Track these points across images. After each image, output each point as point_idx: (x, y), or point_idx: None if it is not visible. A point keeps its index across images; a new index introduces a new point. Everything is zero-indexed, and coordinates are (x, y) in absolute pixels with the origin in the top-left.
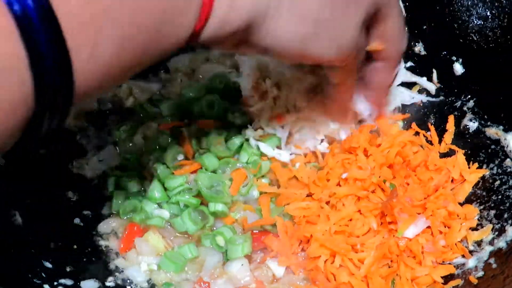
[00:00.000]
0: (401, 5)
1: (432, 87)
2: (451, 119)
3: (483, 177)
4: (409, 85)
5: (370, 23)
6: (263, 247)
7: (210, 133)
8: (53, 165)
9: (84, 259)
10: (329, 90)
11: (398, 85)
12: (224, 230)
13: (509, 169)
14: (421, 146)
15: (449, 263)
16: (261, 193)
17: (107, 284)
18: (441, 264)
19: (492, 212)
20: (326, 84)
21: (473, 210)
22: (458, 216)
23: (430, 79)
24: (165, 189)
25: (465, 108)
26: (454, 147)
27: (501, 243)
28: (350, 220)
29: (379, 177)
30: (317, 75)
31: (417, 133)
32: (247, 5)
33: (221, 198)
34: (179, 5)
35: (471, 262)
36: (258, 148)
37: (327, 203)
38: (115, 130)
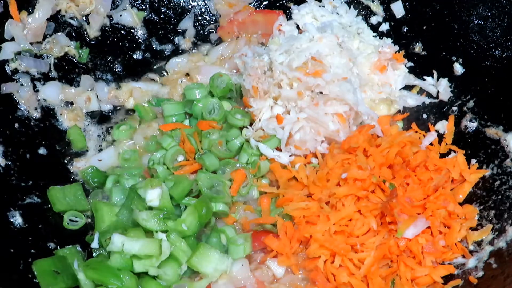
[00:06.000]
0: (401, 5)
1: (433, 89)
2: (451, 119)
3: (483, 177)
4: (409, 86)
5: None
6: (263, 247)
7: (211, 134)
8: (53, 165)
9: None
10: None
11: (401, 89)
12: (226, 229)
13: (509, 169)
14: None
15: (449, 263)
16: (261, 193)
17: None
18: (441, 264)
19: (492, 212)
20: None
21: (473, 210)
22: (458, 216)
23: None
24: None
25: (465, 108)
26: (454, 147)
27: (501, 243)
28: (350, 220)
29: (379, 177)
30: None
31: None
32: None
33: (221, 198)
34: None
35: (471, 262)
36: (258, 148)
37: (327, 203)
38: (115, 130)
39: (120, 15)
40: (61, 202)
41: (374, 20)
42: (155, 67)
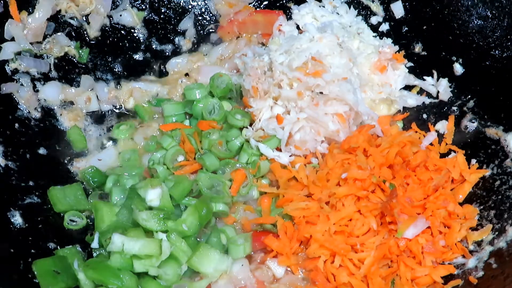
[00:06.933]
0: (401, 5)
1: (433, 89)
2: (451, 119)
3: (483, 177)
4: (409, 86)
5: None
6: (263, 247)
7: (211, 134)
8: (53, 165)
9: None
10: None
11: (401, 89)
12: (227, 229)
13: (509, 169)
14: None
15: (449, 263)
16: (261, 193)
17: None
18: (441, 264)
19: (492, 212)
20: None
21: (473, 210)
22: (458, 216)
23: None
24: None
25: (465, 108)
26: (454, 147)
27: (501, 243)
28: (350, 220)
29: (379, 177)
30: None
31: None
32: None
33: (221, 199)
34: None
35: (471, 262)
36: (258, 148)
37: (327, 203)
38: (115, 130)
39: (120, 15)
40: (62, 202)
41: (374, 20)
42: (155, 67)
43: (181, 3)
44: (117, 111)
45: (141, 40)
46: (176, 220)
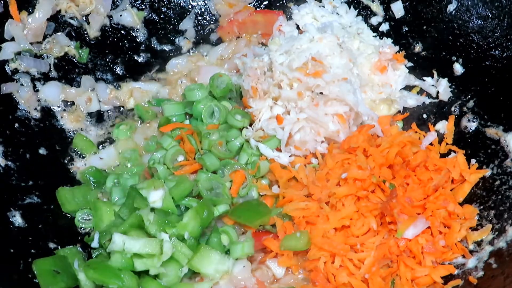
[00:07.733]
0: (401, 5)
1: (433, 90)
2: (451, 119)
3: (483, 177)
4: (409, 86)
5: None
6: (264, 247)
7: (211, 134)
8: (53, 165)
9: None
10: None
11: (401, 89)
12: (229, 230)
13: (509, 169)
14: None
15: (449, 263)
16: (260, 194)
17: None
18: (441, 264)
19: (492, 212)
20: None
21: (473, 210)
22: (458, 216)
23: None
24: None
25: (465, 108)
26: (454, 147)
27: (501, 243)
28: (350, 219)
29: (379, 177)
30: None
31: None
32: None
33: (221, 201)
34: None
35: (471, 262)
36: (258, 149)
37: (327, 203)
38: (115, 130)
39: (120, 15)
40: (70, 203)
41: (374, 20)
42: (155, 67)
43: (181, 3)
44: (117, 111)
45: (141, 40)
46: (177, 225)
